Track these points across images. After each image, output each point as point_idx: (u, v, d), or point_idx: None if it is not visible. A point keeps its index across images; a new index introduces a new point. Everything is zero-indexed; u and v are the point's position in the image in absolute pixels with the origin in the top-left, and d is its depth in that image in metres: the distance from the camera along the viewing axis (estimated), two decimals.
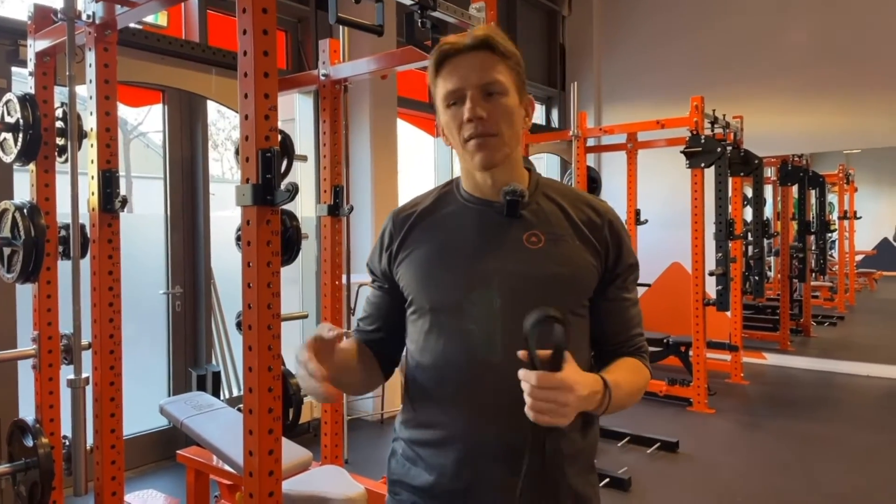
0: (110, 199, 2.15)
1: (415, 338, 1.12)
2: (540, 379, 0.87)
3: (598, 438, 1.13)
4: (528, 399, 0.88)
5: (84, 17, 2.12)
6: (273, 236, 1.63)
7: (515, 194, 1.06)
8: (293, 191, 1.57)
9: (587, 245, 1.09)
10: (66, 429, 2.49)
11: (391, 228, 1.17)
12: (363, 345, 1.19)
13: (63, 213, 2.47)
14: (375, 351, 1.19)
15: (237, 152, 3.18)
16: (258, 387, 1.60)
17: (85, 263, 2.24)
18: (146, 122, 4.39)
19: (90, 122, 2.17)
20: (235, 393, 3.96)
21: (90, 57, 2.14)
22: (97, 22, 2.11)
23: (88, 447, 2.26)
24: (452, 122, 1.08)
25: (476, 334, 1.05)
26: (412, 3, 2.05)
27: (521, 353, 0.90)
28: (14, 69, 3.14)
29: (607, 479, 3.25)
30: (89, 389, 2.22)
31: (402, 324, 1.17)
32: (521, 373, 0.89)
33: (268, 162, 1.58)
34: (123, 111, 3.78)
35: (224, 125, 5.26)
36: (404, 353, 1.20)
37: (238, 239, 3.15)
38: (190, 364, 3.75)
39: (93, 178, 2.16)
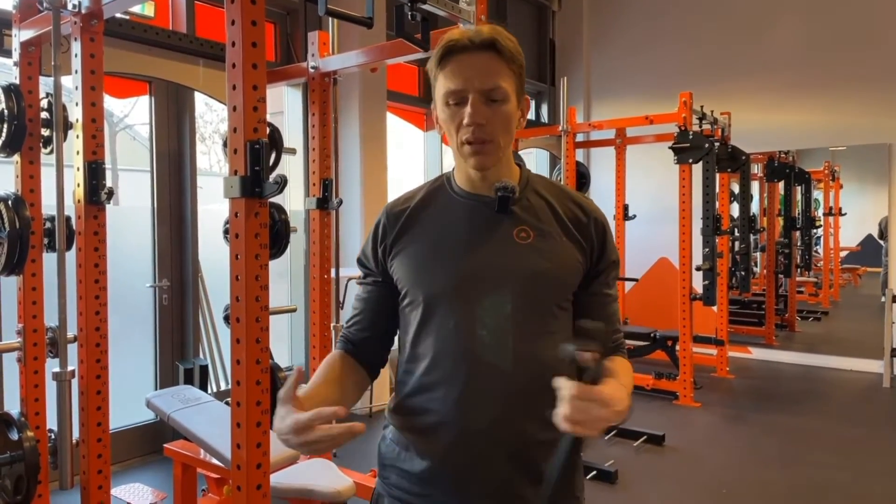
0: (96, 191, 2.13)
1: (408, 328, 1.13)
2: (582, 391, 0.88)
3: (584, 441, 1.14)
4: (565, 408, 0.88)
5: (70, 6, 2.09)
6: (261, 229, 1.62)
7: (507, 190, 1.08)
8: (282, 183, 1.57)
9: (573, 241, 1.11)
10: (51, 422, 2.47)
11: (385, 222, 1.18)
12: (345, 361, 1.18)
13: (48, 204, 2.45)
14: (362, 357, 1.19)
15: (225, 145, 3.16)
16: (246, 380, 1.60)
17: (70, 256, 2.23)
18: (132, 115, 4.35)
19: (76, 113, 2.15)
20: (223, 387, 3.94)
21: (76, 47, 2.12)
22: (83, 11, 2.09)
23: (74, 441, 2.24)
24: (451, 122, 1.09)
25: (467, 324, 1.07)
26: None
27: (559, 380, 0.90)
28: None
29: (594, 472, 3.28)
30: (75, 383, 2.21)
31: (393, 320, 1.18)
32: (562, 382, 0.90)
33: (256, 154, 1.58)
34: (110, 103, 3.74)
35: (212, 118, 5.22)
36: (395, 345, 1.21)
37: (226, 232, 3.14)
38: (177, 358, 3.73)
39: (79, 169, 2.14)
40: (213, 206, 4.04)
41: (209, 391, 3.79)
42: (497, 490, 1.06)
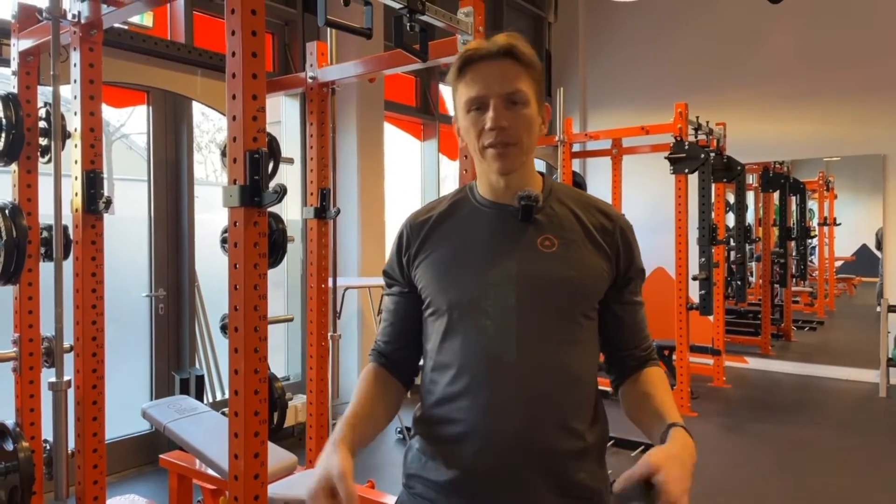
0: (94, 200, 2.13)
1: (432, 337, 1.14)
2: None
3: (607, 434, 1.14)
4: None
5: (70, 16, 2.10)
6: (260, 238, 1.62)
7: (530, 199, 1.09)
8: (281, 192, 1.57)
9: (599, 250, 1.11)
10: (46, 432, 2.45)
11: (408, 233, 1.19)
12: (381, 376, 1.20)
13: (45, 213, 2.44)
14: (395, 370, 1.20)
15: (223, 154, 3.17)
16: (244, 389, 1.59)
17: (67, 265, 2.22)
18: (129, 124, 4.35)
19: (74, 123, 2.15)
20: (219, 397, 3.92)
21: (75, 57, 2.13)
22: (82, 21, 2.10)
23: (70, 451, 2.23)
24: (472, 128, 1.10)
25: (492, 333, 1.07)
26: (401, 6, 2.06)
27: None
28: None
29: None
30: (71, 393, 2.19)
31: (420, 329, 1.18)
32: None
33: (255, 163, 1.58)
34: (106, 112, 3.74)
35: (208, 127, 5.22)
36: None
37: (223, 241, 3.13)
38: (173, 368, 3.71)
39: (76, 178, 2.14)
40: (209, 216, 4.04)
41: (205, 401, 3.77)
42: (523, 500, 1.05)
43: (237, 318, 1.60)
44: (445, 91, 5.77)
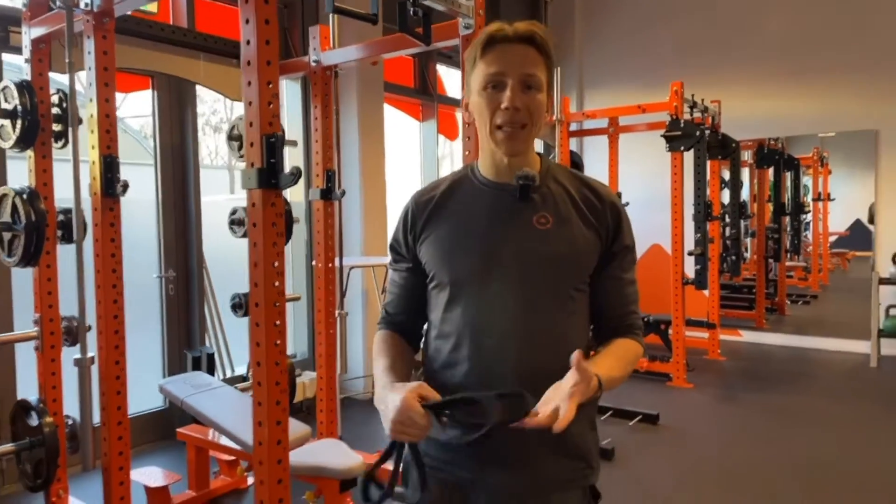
0: (112, 184, 2.20)
1: (436, 308, 1.23)
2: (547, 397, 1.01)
3: (597, 401, 1.20)
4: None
5: (83, 4, 2.15)
6: (277, 218, 1.70)
7: (527, 179, 1.17)
8: (297, 174, 1.65)
9: (589, 226, 1.19)
10: (67, 408, 2.56)
11: (414, 210, 1.27)
12: (392, 334, 1.30)
13: (59, 198, 2.52)
14: (403, 332, 1.31)
15: (230, 138, 3.24)
16: (266, 360, 1.69)
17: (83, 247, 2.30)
18: (123, 108, 4.38)
19: (90, 109, 2.21)
20: (228, 374, 4.03)
21: (89, 45, 2.18)
22: (95, 10, 2.15)
23: (94, 424, 2.33)
24: (487, 106, 1.17)
25: (490, 304, 1.16)
26: None
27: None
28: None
29: None
30: (94, 369, 2.29)
31: (425, 299, 1.28)
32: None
33: (271, 147, 1.65)
34: None
35: (203, 109, 5.26)
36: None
37: (232, 223, 3.22)
38: (184, 346, 3.82)
39: (94, 163, 2.21)
40: (208, 198, 4.09)
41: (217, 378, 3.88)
42: (513, 456, 1.15)
43: (258, 293, 1.69)
44: (444, 72, 5.81)
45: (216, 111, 5.06)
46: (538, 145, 7.06)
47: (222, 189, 4.73)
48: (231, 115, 5.29)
